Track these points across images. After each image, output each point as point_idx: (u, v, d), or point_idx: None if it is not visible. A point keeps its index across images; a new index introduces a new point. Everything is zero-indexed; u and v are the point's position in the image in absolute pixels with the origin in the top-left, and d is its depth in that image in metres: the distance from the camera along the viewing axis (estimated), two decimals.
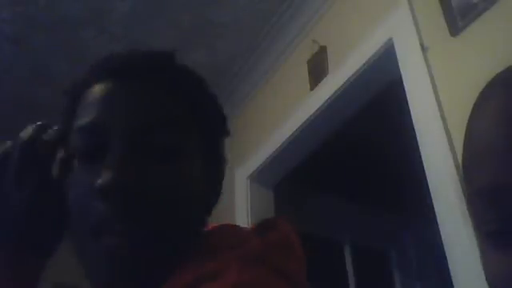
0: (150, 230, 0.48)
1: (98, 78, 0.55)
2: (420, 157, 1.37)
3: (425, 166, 1.35)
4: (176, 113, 0.54)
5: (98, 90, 0.54)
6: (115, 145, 0.50)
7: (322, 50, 1.95)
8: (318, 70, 1.95)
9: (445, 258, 1.22)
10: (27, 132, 0.57)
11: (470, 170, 0.41)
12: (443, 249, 1.23)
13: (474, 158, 0.40)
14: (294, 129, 2.02)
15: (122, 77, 0.54)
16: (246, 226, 0.75)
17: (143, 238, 0.47)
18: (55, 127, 0.59)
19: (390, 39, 1.59)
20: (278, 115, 2.17)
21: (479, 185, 0.39)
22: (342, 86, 1.79)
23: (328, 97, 1.85)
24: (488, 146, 0.39)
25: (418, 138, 1.40)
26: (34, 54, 2.26)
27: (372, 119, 2.37)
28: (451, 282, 1.19)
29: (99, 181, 0.47)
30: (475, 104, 0.44)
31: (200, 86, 0.60)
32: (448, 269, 1.21)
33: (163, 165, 0.50)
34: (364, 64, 1.70)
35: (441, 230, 1.25)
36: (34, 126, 0.58)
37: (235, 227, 0.58)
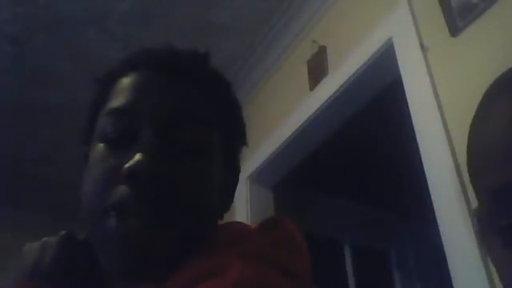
0: (169, 219, 0.48)
1: (135, 67, 0.56)
2: (420, 157, 1.37)
3: (425, 166, 1.35)
4: (207, 112, 0.55)
5: (134, 77, 0.55)
6: (146, 132, 0.50)
7: (322, 50, 1.95)
8: (317, 70, 1.95)
9: (445, 258, 1.22)
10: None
11: (480, 169, 0.41)
12: (443, 249, 1.23)
13: (484, 157, 0.41)
14: (294, 129, 2.02)
15: (160, 69, 0.55)
16: None
17: (162, 226, 0.48)
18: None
19: (390, 39, 1.59)
20: (277, 115, 2.17)
21: (491, 184, 0.39)
22: (341, 86, 1.79)
23: (328, 97, 1.85)
24: (499, 145, 0.39)
25: (417, 138, 1.40)
26: (34, 54, 2.26)
27: (372, 119, 2.37)
28: (451, 282, 1.19)
29: (128, 164, 0.47)
30: (481, 104, 0.44)
31: (228, 91, 0.61)
32: (448, 269, 1.21)
33: (188, 159, 0.51)
34: (364, 64, 1.70)
35: (441, 230, 1.25)
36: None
37: (239, 224, 0.59)
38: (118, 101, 0.53)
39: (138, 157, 0.47)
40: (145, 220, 0.47)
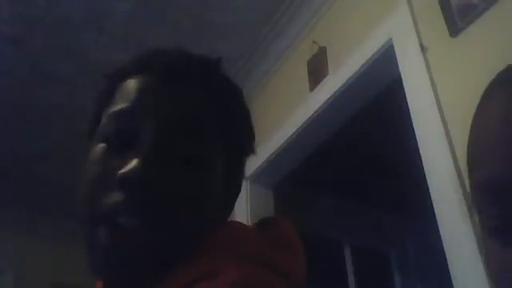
0: (159, 228, 0.48)
1: (143, 70, 0.56)
2: (420, 157, 1.37)
3: (425, 166, 1.35)
4: (211, 122, 0.55)
5: (141, 80, 0.55)
6: (146, 138, 0.50)
7: (322, 50, 1.95)
8: (317, 70, 1.95)
9: (445, 258, 1.22)
10: None
11: (474, 166, 0.42)
12: (443, 249, 1.23)
13: (477, 155, 0.41)
14: (294, 129, 2.02)
15: (168, 74, 0.55)
16: None
17: (152, 235, 0.48)
18: None
19: (390, 39, 1.59)
20: (277, 115, 2.17)
21: (481, 180, 0.40)
22: (341, 87, 1.79)
23: (328, 97, 1.85)
24: (490, 144, 0.39)
25: (417, 138, 1.40)
26: (34, 54, 2.26)
27: (372, 119, 2.37)
28: (451, 283, 1.19)
29: (122, 170, 0.47)
30: (479, 104, 0.44)
31: (237, 100, 0.61)
32: (448, 269, 1.21)
33: (185, 168, 0.51)
34: (364, 64, 1.70)
35: (441, 230, 1.25)
36: None
37: (235, 224, 0.58)
38: (122, 103, 0.53)
39: (133, 163, 0.47)
40: (135, 229, 0.47)
